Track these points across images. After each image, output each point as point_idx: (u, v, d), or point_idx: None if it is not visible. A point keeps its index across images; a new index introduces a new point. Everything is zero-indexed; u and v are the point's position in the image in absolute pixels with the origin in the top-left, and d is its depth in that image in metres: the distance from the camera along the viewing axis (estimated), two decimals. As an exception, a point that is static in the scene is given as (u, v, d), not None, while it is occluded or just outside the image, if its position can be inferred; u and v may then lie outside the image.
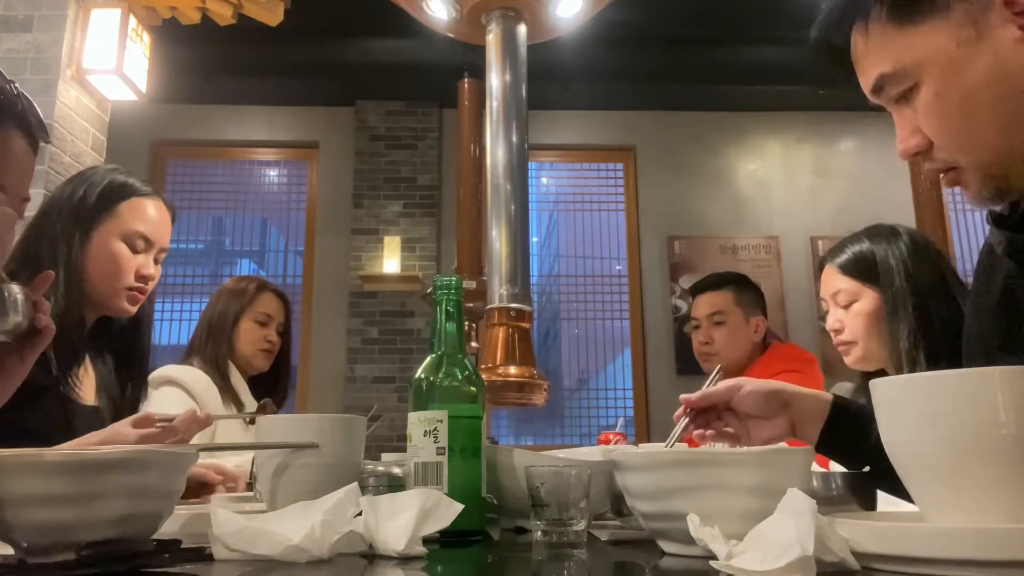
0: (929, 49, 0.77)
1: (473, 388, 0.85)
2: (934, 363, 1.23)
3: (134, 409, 1.45)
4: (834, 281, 1.43)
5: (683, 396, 0.92)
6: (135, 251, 1.41)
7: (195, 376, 1.90)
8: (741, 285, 2.22)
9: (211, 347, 1.99)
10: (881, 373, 1.37)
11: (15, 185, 0.89)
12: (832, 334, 1.44)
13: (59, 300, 1.28)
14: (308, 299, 5.38)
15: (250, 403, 2.02)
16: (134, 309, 1.41)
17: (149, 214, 1.44)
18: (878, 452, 0.93)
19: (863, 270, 1.38)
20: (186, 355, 2.03)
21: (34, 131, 0.91)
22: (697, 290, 2.26)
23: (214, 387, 1.92)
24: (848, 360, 1.43)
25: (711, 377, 0.97)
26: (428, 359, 0.87)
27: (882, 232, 1.40)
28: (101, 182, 1.40)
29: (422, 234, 5.31)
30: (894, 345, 1.30)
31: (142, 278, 1.40)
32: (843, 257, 1.42)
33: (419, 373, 0.86)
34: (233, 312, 2.04)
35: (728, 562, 0.54)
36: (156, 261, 1.46)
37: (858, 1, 0.82)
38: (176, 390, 1.85)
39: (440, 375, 0.85)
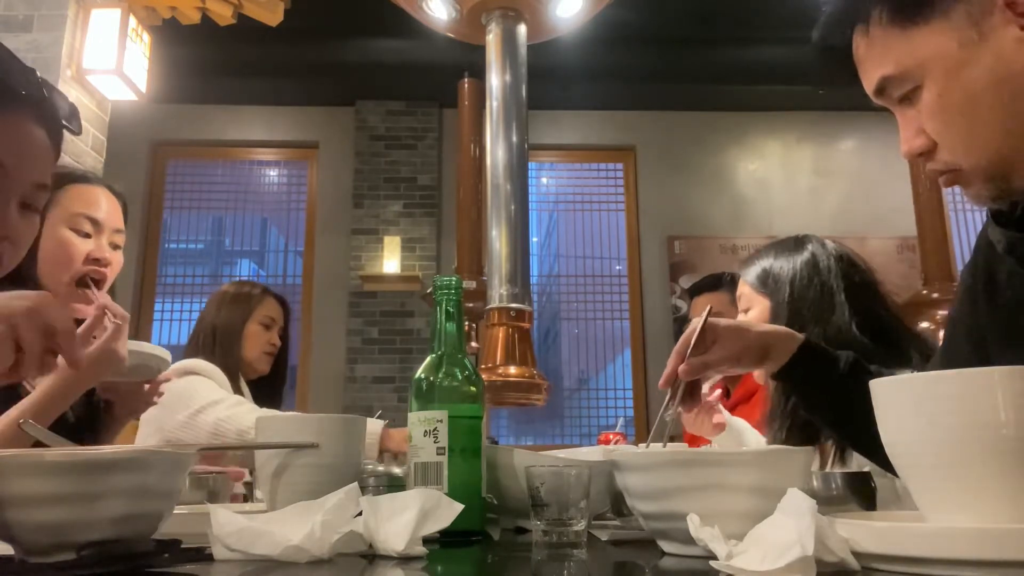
0: (931, 50, 0.77)
1: (473, 388, 0.85)
2: None
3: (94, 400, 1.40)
4: (740, 286, 1.51)
5: (682, 368, 0.93)
6: (83, 235, 1.33)
7: (213, 367, 1.94)
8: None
9: (220, 352, 2.00)
10: None
11: (17, 167, 0.86)
12: None
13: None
14: (308, 299, 5.38)
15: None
16: (89, 309, 1.31)
17: (92, 198, 1.37)
18: (842, 396, 0.96)
19: (762, 279, 1.45)
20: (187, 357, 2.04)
21: (47, 119, 0.89)
22: (695, 291, 2.29)
23: (227, 381, 1.95)
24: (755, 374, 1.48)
25: (700, 320, 0.96)
26: (428, 359, 0.87)
27: (788, 246, 1.46)
28: None
29: (422, 234, 5.31)
30: None
31: (96, 261, 1.33)
32: (749, 266, 1.50)
33: (419, 373, 0.86)
34: (240, 317, 2.06)
35: (728, 562, 0.54)
36: (116, 246, 1.39)
37: (858, 3, 0.82)
38: (202, 378, 1.89)
39: (440, 375, 0.85)
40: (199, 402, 1.79)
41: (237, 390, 1.98)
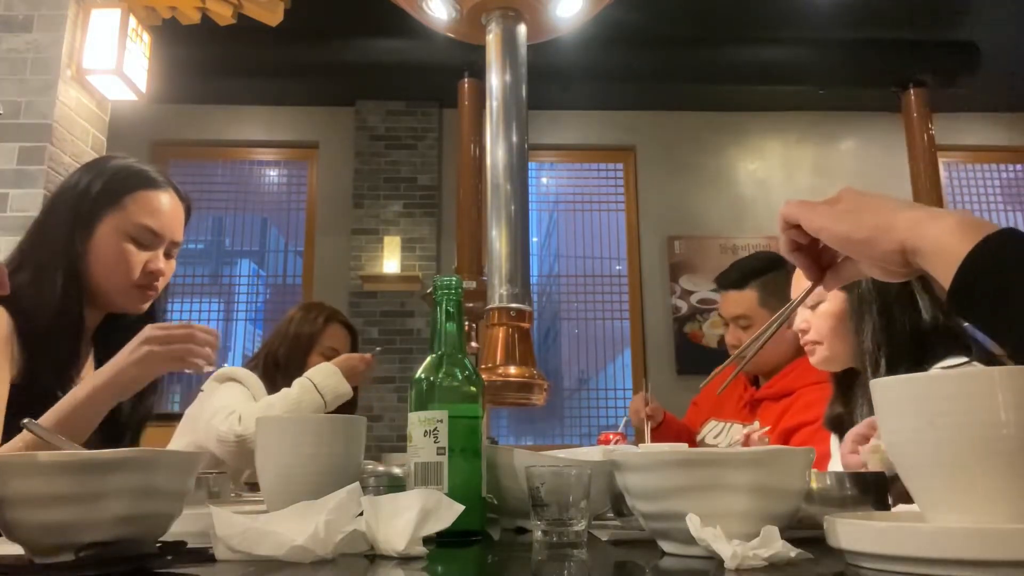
0: None
1: (473, 388, 0.85)
2: (894, 366, 1.26)
3: (145, 404, 1.39)
4: (803, 282, 1.43)
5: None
6: (142, 247, 1.32)
7: (256, 381, 1.97)
8: (767, 281, 1.97)
9: (282, 382, 1.98)
10: (850, 373, 1.38)
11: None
12: (800, 334, 1.46)
13: (56, 297, 1.23)
14: (308, 299, 5.38)
15: None
16: (146, 306, 1.36)
17: (157, 207, 1.34)
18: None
19: None
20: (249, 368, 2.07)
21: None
22: (720, 286, 2.07)
23: (264, 390, 1.98)
24: (813, 360, 1.45)
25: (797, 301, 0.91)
26: (428, 359, 0.87)
27: None
28: (108, 172, 1.33)
29: (422, 234, 5.31)
30: (859, 345, 1.32)
31: (150, 274, 1.33)
32: None
33: (419, 373, 0.86)
34: (303, 349, 2.06)
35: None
36: (169, 256, 1.38)
37: None
38: (240, 386, 1.93)
39: (440, 375, 0.85)
40: (221, 409, 1.84)
41: None
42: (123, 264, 1.30)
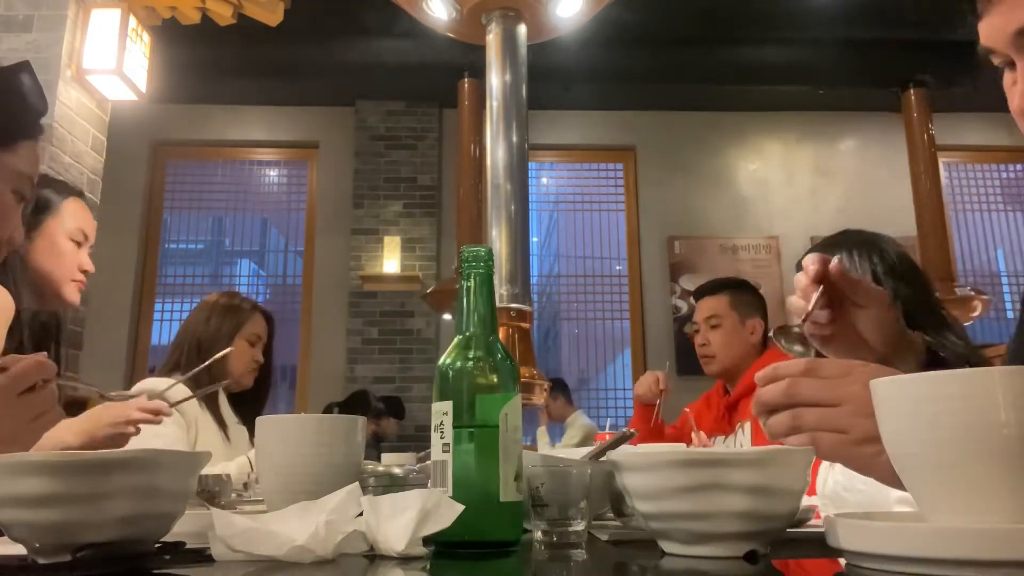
0: None
1: (501, 375, 0.76)
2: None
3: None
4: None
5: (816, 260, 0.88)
6: (78, 246, 1.57)
7: (182, 394, 1.84)
8: (738, 289, 2.28)
9: (197, 362, 1.91)
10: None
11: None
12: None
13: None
14: (308, 299, 5.38)
15: (232, 420, 2.01)
16: (78, 299, 1.58)
17: (86, 214, 1.60)
18: None
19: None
20: (170, 368, 1.99)
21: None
22: (697, 295, 2.32)
23: (195, 404, 1.90)
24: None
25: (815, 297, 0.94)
26: (455, 340, 0.78)
27: (859, 238, 1.42)
28: (44, 183, 1.55)
29: (422, 234, 5.31)
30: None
31: (83, 272, 1.57)
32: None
33: (443, 359, 0.77)
34: (227, 332, 2.02)
35: None
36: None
37: None
38: (173, 427, 1.81)
39: (465, 360, 0.76)
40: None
41: (214, 406, 1.96)
42: (66, 263, 1.55)
